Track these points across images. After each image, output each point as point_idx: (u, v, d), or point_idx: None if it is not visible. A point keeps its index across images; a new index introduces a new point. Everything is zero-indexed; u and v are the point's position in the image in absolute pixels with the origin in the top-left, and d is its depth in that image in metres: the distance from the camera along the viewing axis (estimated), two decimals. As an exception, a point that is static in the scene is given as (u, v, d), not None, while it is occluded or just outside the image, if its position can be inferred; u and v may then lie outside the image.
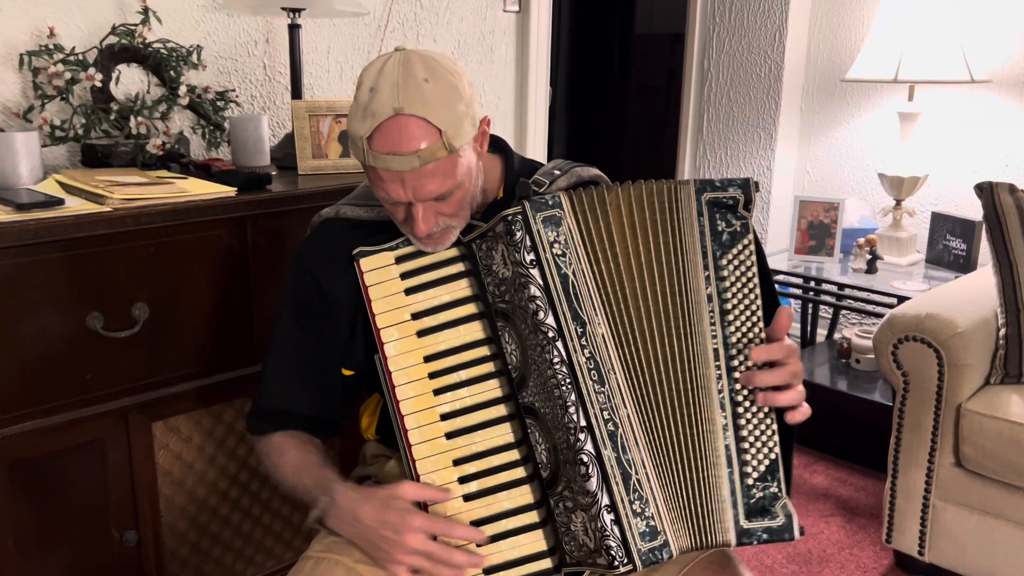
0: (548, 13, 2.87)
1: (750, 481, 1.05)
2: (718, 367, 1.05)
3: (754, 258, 1.06)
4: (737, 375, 1.05)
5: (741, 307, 1.05)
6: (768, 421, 1.06)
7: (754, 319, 1.05)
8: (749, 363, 1.05)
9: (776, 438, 1.06)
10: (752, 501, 1.05)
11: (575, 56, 5.17)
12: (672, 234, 1.06)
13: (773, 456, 1.05)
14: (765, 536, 1.04)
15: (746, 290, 1.05)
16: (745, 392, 1.05)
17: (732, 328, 1.05)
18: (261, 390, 1.26)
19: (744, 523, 1.04)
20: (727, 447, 1.04)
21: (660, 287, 1.06)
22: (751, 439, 1.05)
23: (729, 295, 1.05)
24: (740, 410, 1.05)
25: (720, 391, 1.05)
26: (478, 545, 1.08)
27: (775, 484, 1.05)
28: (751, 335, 1.05)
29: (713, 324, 1.05)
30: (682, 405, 1.05)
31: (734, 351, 1.05)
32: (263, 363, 1.27)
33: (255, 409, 1.26)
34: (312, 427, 1.24)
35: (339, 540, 1.14)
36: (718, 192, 1.05)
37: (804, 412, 1.08)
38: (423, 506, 1.08)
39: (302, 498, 1.17)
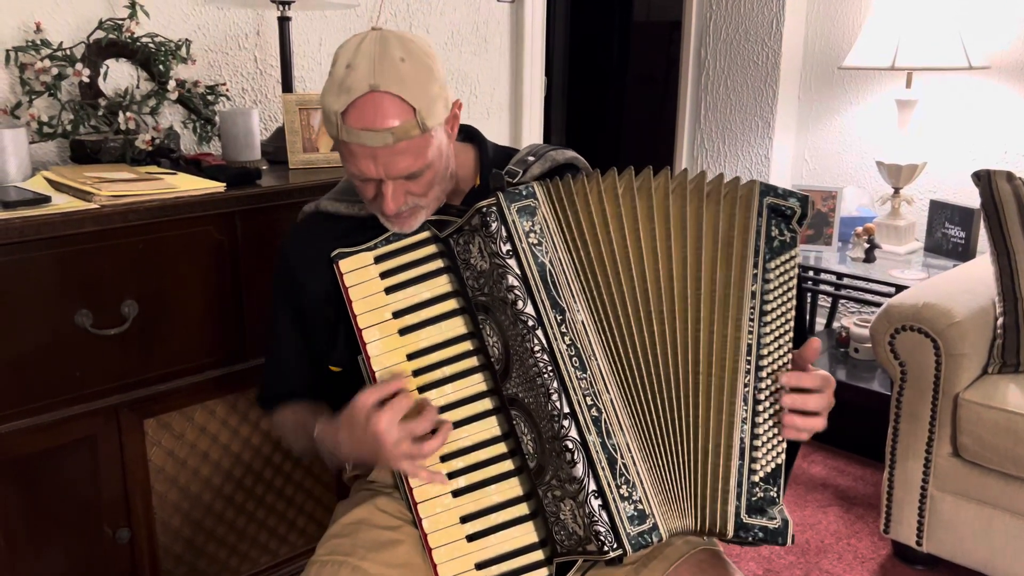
0: (543, 2, 2.85)
1: (755, 479, 1.05)
2: (748, 361, 1.05)
3: (796, 272, 1.07)
4: (763, 374, 1.05)
5: (779, 311, 1.06)
6: (780, 428, 1.06)
7: (787, 327, 1.06)
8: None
9: (784, 445, 1.06)
10: (754, 499, 1.05)
11: (573, 45, 5.14)
12: (728, 225, 1.06)
13: (779, 461, 1.06)
14: (761, 535, 1.04)
15: (784, 298, 1.06)
16: (767, 393, 1.05)
17: (768, 328, 1.05)
18: (264, 377, 1.34)
19: (745, 518, 1.04)
20: (742, 440, 1.04)
21: (694, 276, 1.05)
22: (764, 438, 1.05)
23: (771, 297, 1.05)
24: (760, 408, 1.05)
25: (746, 385, 1.05)
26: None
27: (775, 489, 1.05)
28: (782, 340, 1.06)
29: (752, 320, 1.05)
30: (681, 390, 1.05)
31: (764, 351, 1.05)
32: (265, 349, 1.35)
33: (260, 395, 1.35)
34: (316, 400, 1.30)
35: (341, 541, 1.16)
36: (779, 199, 1.06)
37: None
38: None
39: (319, 455, 1.21)
